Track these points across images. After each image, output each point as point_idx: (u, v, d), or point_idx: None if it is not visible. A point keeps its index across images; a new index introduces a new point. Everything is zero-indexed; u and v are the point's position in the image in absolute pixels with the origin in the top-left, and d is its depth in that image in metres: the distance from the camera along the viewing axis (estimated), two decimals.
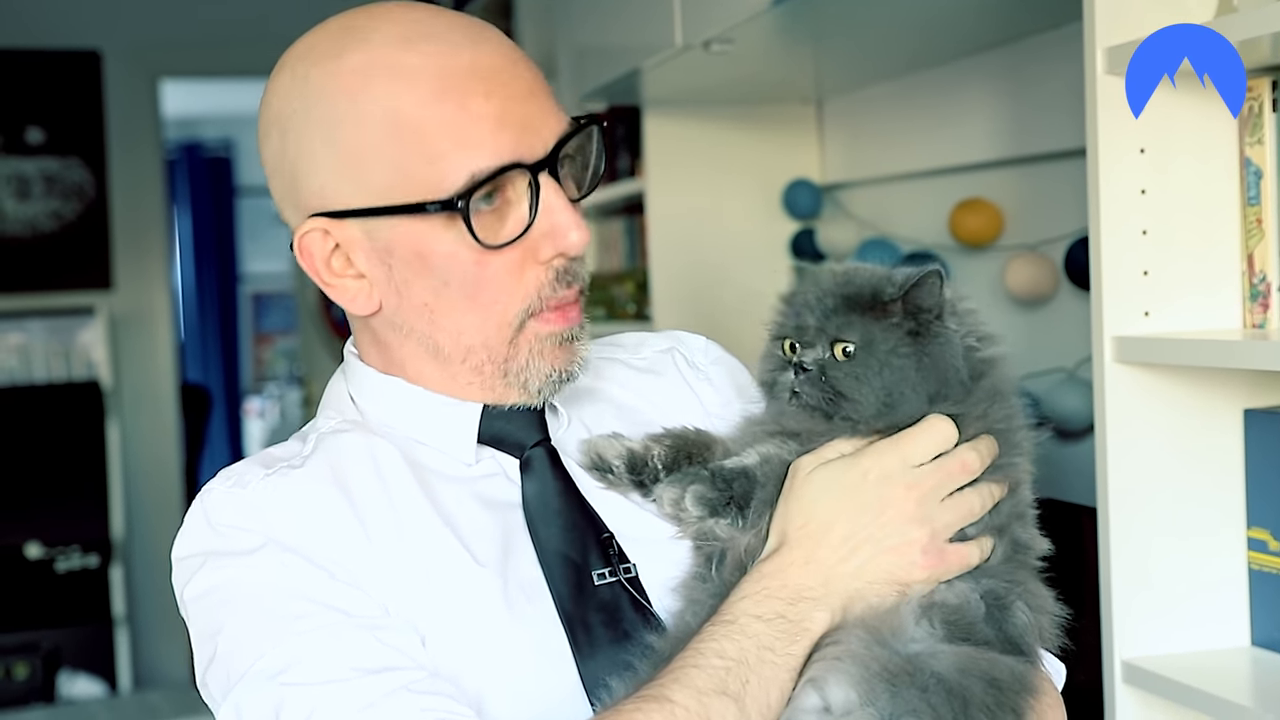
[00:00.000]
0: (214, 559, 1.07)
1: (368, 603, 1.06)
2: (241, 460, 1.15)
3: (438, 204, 1.06)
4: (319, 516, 1.09)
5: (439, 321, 1.12)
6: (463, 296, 1.10)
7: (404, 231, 1.09)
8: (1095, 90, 1.52)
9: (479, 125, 1.06)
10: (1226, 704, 1.44)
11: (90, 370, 5.09)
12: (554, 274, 1.11)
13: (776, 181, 3.09)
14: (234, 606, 1.05)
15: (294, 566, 1.06)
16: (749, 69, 2.61)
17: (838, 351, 1.10)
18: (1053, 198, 2.37)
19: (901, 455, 1.09)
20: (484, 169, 1.06)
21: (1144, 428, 1.55)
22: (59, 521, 4.84)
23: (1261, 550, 1.56)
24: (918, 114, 2.72)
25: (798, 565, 1.07)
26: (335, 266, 1.12)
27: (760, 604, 1.05)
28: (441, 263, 1.09)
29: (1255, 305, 1.54)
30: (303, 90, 1.09)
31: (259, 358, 8.98)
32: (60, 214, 5.16)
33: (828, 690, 1.02)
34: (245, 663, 1.03)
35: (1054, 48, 2.29)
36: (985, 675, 1.04)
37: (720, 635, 1.04)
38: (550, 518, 1.14)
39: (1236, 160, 1.56)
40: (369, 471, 1.13)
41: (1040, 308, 2.42)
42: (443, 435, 1.16)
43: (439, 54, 1.08)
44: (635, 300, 3.28)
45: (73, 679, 4.69)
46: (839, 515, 1.08)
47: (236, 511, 1.09)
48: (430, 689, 1.01)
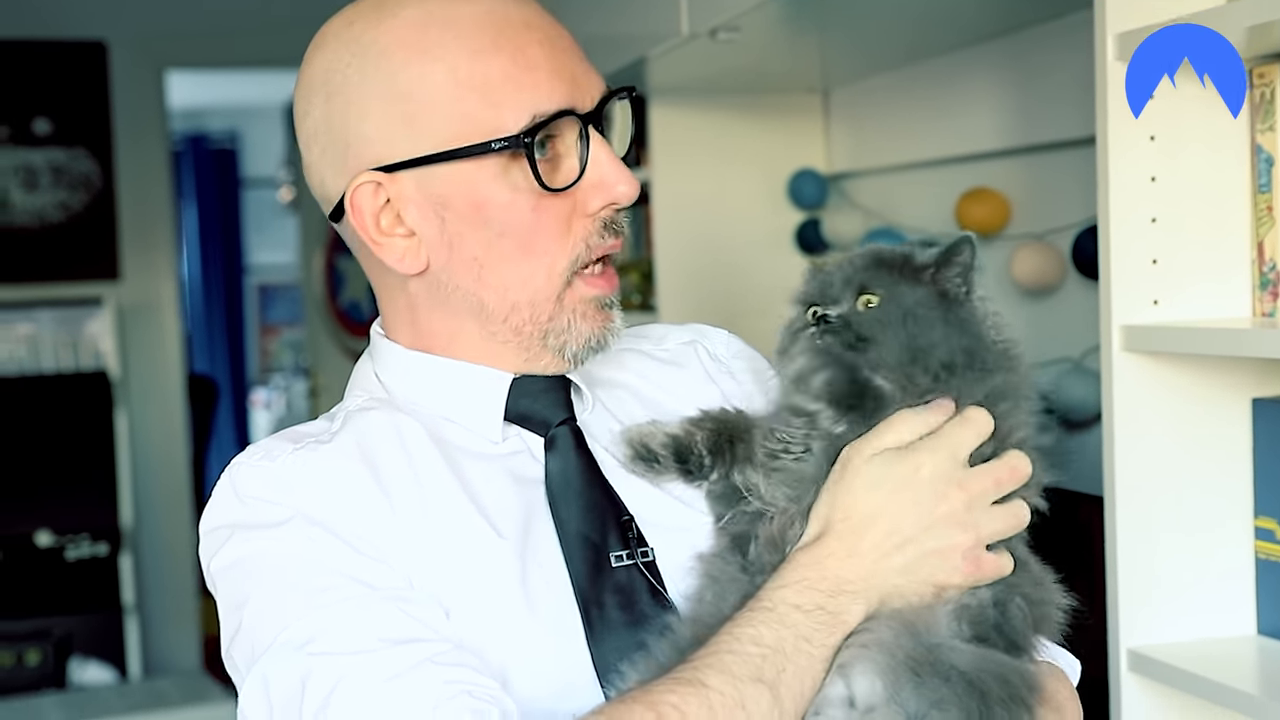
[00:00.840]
0: (241, 530, 1.08)
1: (393, 575, 1.06)
2: (270, 435, 1.16)
3: (504, 141, 1.08)
4: (346, 491, 1.09)
5: (487, 277, 1.13)
6: (515, 247, 1.11)
7: (462, 180, 1.10)
8: (1105, 77, 1.52)
9: (536, 72, 1.09)
10: (1233, 692, 1.44)
11: (98, 360, 5.09)
12: (600, 224, 1.13)
13: (782, 171, 3.08)
14: (260, 578, 1.06)
15: (320, 539, 1.06)
16: (755, 57, 2.60)
17: (861, 304, 1.10)
18: (1059, 187, 2.36)
19: (951, 451, 1.08)
20: (545, 110, 1.09)
21: (1152, 417, 1.55)
22: (68, 510, 4.85)
23: (1269, 539, 1.56)
24: (924, 103, 2.72)
25: (839, 557, 1.06)
26: (384, 224, 1.13)
27: (801, 594, 1.05)
28: (498, 212, 1.10)
29: (1265, 294, 1.54)
30: (353, 50, 1.11)
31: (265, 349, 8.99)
32: (67, 205, 5.16)
33: (854, 678, 1.02)
34: (271, 634, 1.03)
35: (1060, 36, 2.28)
36: (998, 674, 1.04)
37: (758, 622, 1.03)
38: (572, 497, 1.14)
39: (1247, 148, 1.55)
40: (395, 447, 1.13)
41: (1047, 297, 2.42)
42: (469, 411, 1.16)
43: (492, 6, 1.11)
44: (641, 290, 3.28)
45: (83, 666, 4.71)
46: (885, 510, 1.07)
47: (264, 484, 1.10)
48: (455, 661, 1.02)
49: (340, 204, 1.14)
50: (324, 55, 1.13)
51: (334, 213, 1.15)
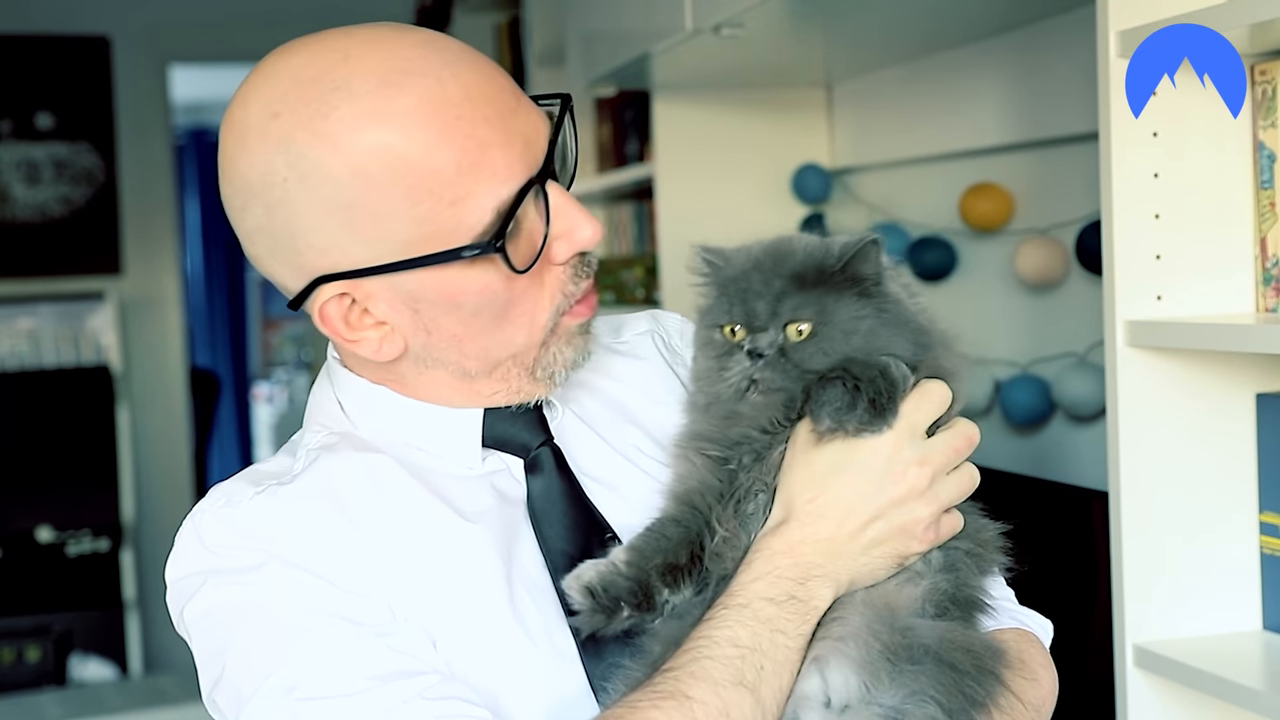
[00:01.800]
0: (215, 577, 1.05)
1: (376, 609, 1.04)
2: (230, 478, 1.13)
3: (476, 249, 1.04)
4: (315, 529, 1.07)
5: (467, 348, 1.10)
6: (492, 319, 1.09)
7: (432, 278, 1.06)
8: (1108, 74, 1.51)
9: (490, 154, 1.03)
10: (1238, 688, 1.44)
11: (100, 355, 5.10)
12: (570, 271, 1.11)
13: (786, 166, 3.08)
14: (240, 623, 1.03)
15: (299, 579, 1.04)
16: (759, 53, 2.60)
17: (791, 332, 1.08)
18: (1063, 182, 2.36)
19: (911, 426, 1.09)
20: (506, 199, 1.04)
21: (1156, 412, 1.55)
22: (70, 505, 4.86)
23: (1273, 534, 1.56)
24: (927, 98, 2.72)
25: (809, 544, 1.06)
26: (353, 320, 1.09)
27: (773, 585, 1.04)
28: (473, 298, 1.07)
29: (1268, 289, 1.54)
30: (287, 158, 1.03)
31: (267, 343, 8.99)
32: (70, 199, 5.17)
33: (829, 673, 1.02)
34: (256, 680, 1.01)
35: (1064, 32, 2.28)
36: (964, 646, 1.05)
37: (733, 620, 1.03)
38: (555, 517, 1.13)
39: (1250, 144, 1.55)
40: (364, 482, 1.11)
41: (1051, 292, 2.41)
42: (444, 444, 1.15)
43: (427, 88, 1.03)
44: (644, 285, 3.28)
45: (84, 662, 4.71)
46: (850, 490, 1.07)
47: (230, 530, 1.07)
48: (444, 694, 1.01)
49: (299, 298, 1.09)
50: (252, 159, 1.04)
51: (292, 303, 1.10)
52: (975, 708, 1.03)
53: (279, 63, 1.06)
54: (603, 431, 1.21)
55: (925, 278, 2.66)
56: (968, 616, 1.10)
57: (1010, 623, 1.19)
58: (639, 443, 1.21)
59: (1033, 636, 1.20)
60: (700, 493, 1.10)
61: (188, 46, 5.32)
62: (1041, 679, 1.17)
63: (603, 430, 1.21)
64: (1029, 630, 1.21)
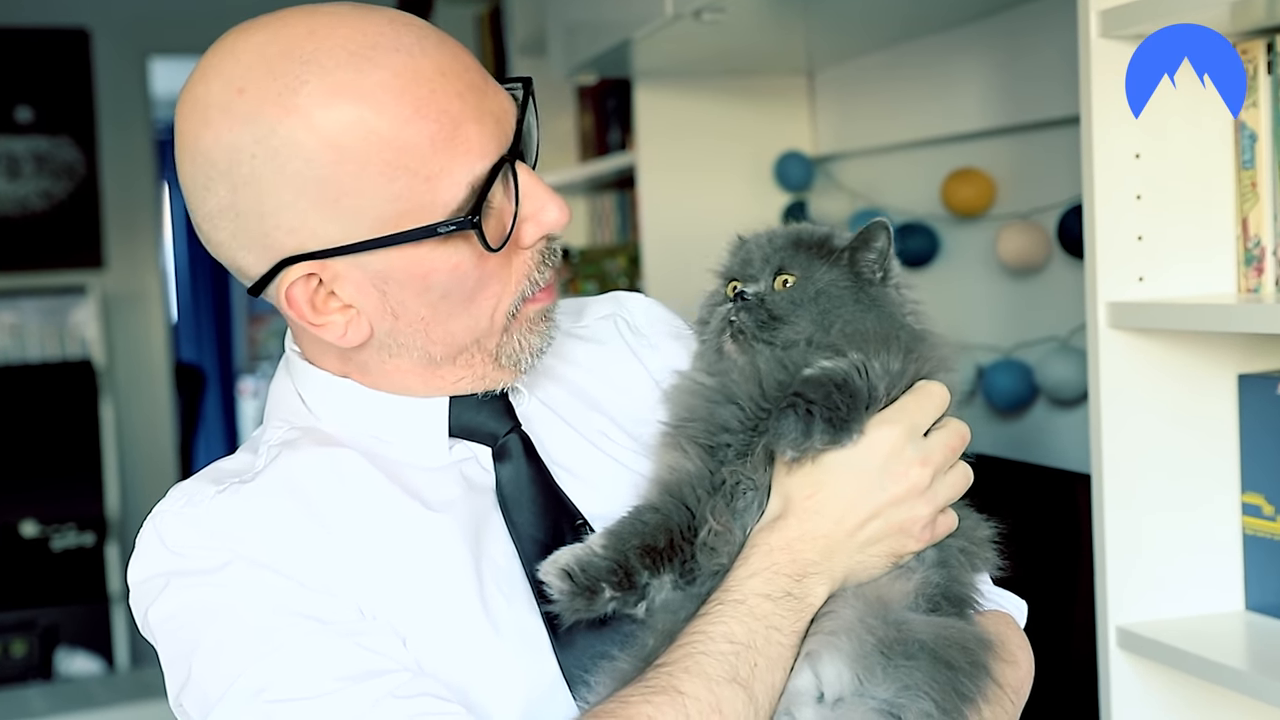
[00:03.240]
0: (178, 578, 1.03)
1: (343, 607, 1.03)
2: (190, 478, 1.12)
3: (452, 225, 1.02)
4: (279, 527, 1.05)
5: (433, 332, 1.09)
6: (460, 302, 1.07)
7: (403, 256, 1.04)
8: (1089, 54, 1.51)
9: (464, 130, 1.02)
10: (1221, 668, 1.44)
11: (84, 349, 5.08)
12: (539, 258, 1.10)
13: (768, 153, 3.07)
14: (206, 625, 1.02)
15: (263, 580, 1.03)
16: (740, 39, 2.59)
17: (778, 284, 1.13)
18: (1045, 166, 2.36)
19: (911, 426, 1.08)
20: (480, 175, 1.03)
21: (1138, 393, 1.55)
22: (54, 500, 4.84)
23: (1256, 515, 1.56)
24: (909, 84, 2.71)
25: (807, 540, 1.05)
26: (319, 304, 1.07)
27: (769, 582, 1.03)
28: (443, 278, 1.05)
29: (1250, 269, 1.54)
30: (255, 134, 1.00)
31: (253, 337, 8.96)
32: (51, 193, 5.14)
33: (821, 668, 1.02)
34: (224, 682, 1.00)
35: (1045, 16, 2.28)
36: (958, 642, 1.04)
37: (729, 616, 1.02)
38: (525, 504, 1.12)
39: (1231, 124, 1.55)
40: (328, 478, 1.09)
41: (1033, 277, 2.41)
42: (410, 435, 1.13)
43: (399, 63, 1.01)
44: (628, 273, 3.28)
45: (70, 656, 4.70)
46: (849, 488, 1.07)
47: (193, 530, 1.05)
48: (415, 691, 0.99)
49: (261, 282, 1.07)
50: (217, 135, 1.02)
51: (254, 288, 1.08)
52: (967, 704, 1.03)
53: (239, 40, 1.04)
54: (569, 418, 1.20)
55: (908, 264, 2.65)
56: (959, 613, 1.10)
57: (988, 605, 1.18)
58: (605, 429, 1.20)
59: (1009, 618, 1.20)
60: (690, 484, 1.09)
61: (168, 39, 5.29)
62: (1019, 660, 1.17)
63: (569, 417, 1.20)
64: (1005, 612, 1.21)
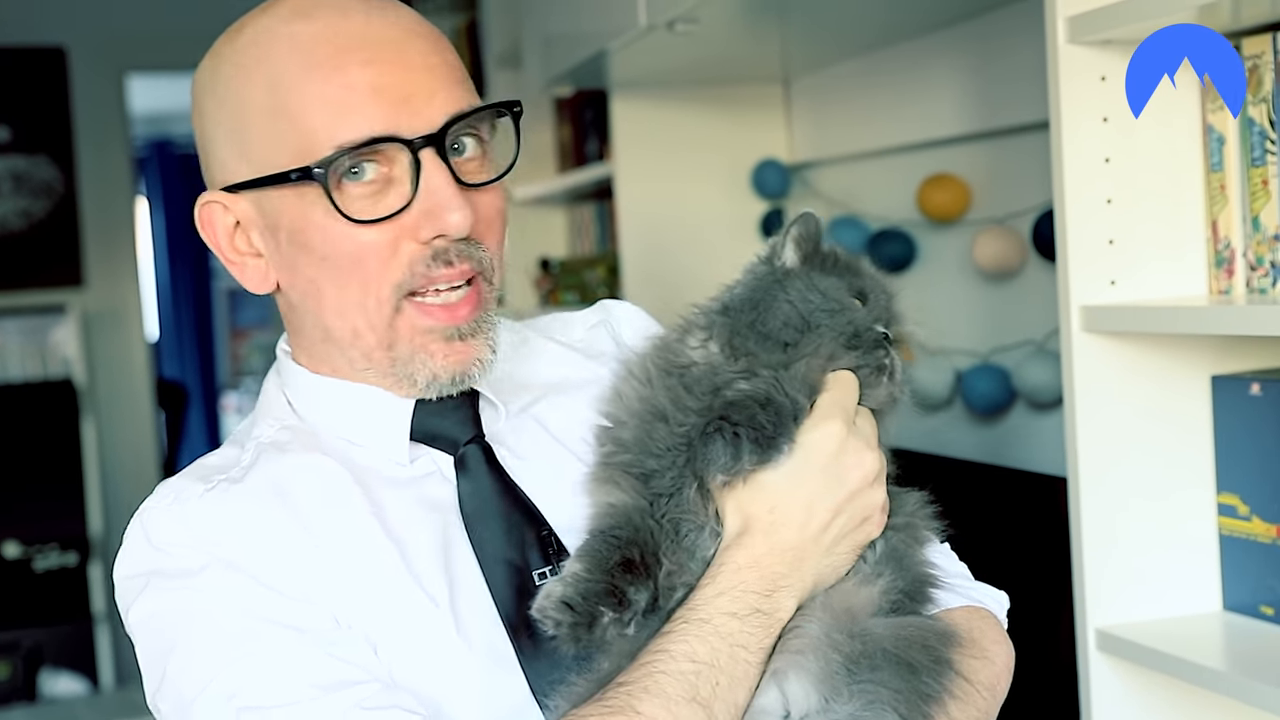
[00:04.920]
0: (157, 579, 1.05)
1: (319, 615, 1.03)
2: (177, 474, 1.13)
3: (299, 172, 1.05)
4: (263, 532, 1.06)
5: (324, 301, 1.10)
6: (339, 271, 1.08)
7: (286, 205, 1.08)
8: (1057, 59, 1.52)
9: (351, 94, 1.05)
10: (1200, 669, 1.44)
11: (64, 368, 5.06)
12: (431, 253, 1.08)
13: (745, 162, 3.08)
14: (182, 628, 1.03)
15: (240, 585, 1.03)
16: (714, 49, 2.60)
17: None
18: (1019, 171, 2.37)
19: (846, 414, 1.06)
20: (351, 140, 1.04)
21: (1112, 396, 1.56)
22: (36, 520, 4.82)
23: (1231, 515, 1.57)
24: (884, 91, 2.72)
25: (775, 554, 1.03)
26: (239, 245, 1.12)
27: (736, 600, 1.02)
28: (317, 237, 1.07)
29: (1220, 271, 1.55)
30: (211, 65, 1.11)
31: (235, 353, 8.94)
32: (29, 212, 5.13)
33: (788, 686, 1.00)
34: (197, 686, 1.01)
35: (1018, 20, 2.29)
36: (918, 640, 1.03)
37: (692, 635, 1.00)
38: (487, 518, 1.11)
39: (1199, 127, 1.56)
40: (314, 485, 1.10)
41: (1009, 281, 2.42)
42: (374, 434, 1.13)
43: (327, 23, 1.07)
44: (607, 284, 3.28)
45: (55, 677, 4.67)
46: (807, 492, 1.05)
47: (177, 529, 1.06)
48: (384, 703, 0.99)
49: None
50: (199, 72, 1.13)
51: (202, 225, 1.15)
52: (931, 703, 1.02)
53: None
54: (556, 431, 1.19)
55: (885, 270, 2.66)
56: (921, 596, 1.10)
57: (962, 601, 1.17)
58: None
59: (985, 613, 1.18)
60: (639, 511, 1.06)
61: (145, 56, 5.28)
62: (993, 656, 1.14)
63: (556, 430, 1.19)
64: (982, 607, 1.19)
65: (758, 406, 1.03)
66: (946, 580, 1.15)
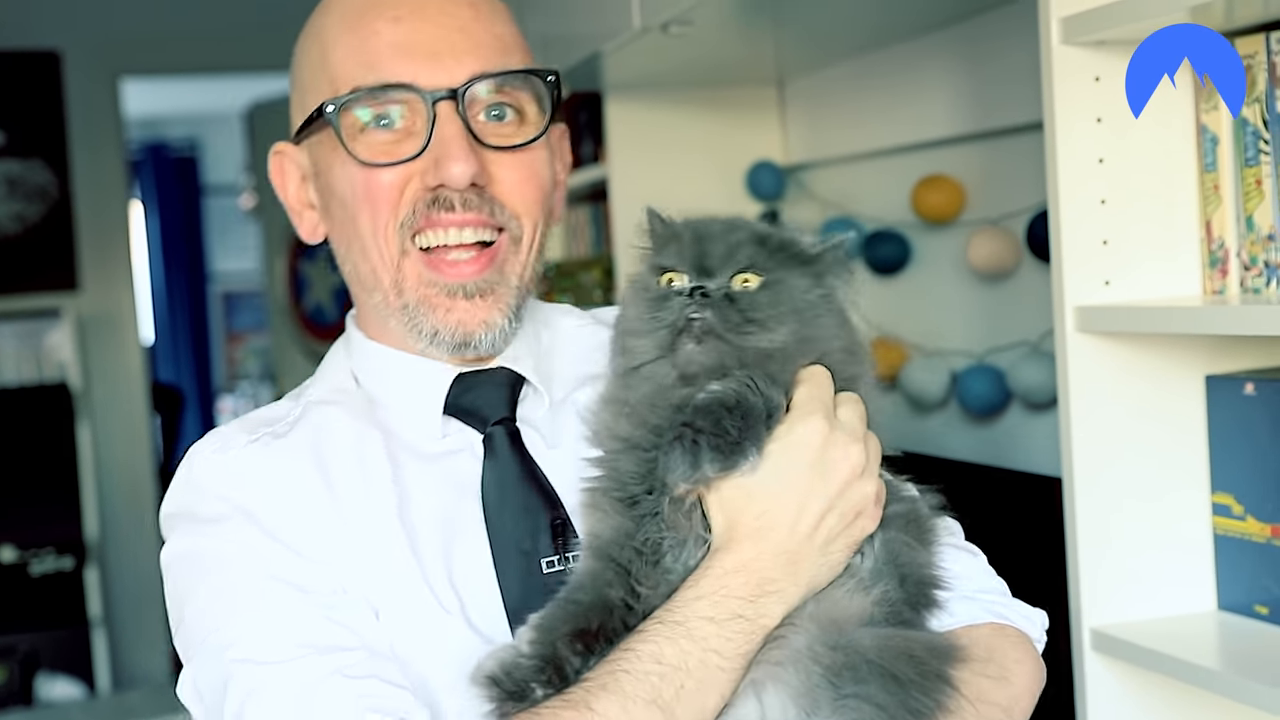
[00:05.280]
0: (187, 522, 1.11)
1: (324, 578, 1.06)
2: (232, 421, 1.19)
3: (317, 111, 1.13)
4: (290, 490, 1.10)
5: (351, 245, 1.16)
6: (358, 212, 1.14)
7: (323, 152, 1.16)
8: (1051, 60, 1.52)
9: (377, 46, 1.12)
10: (1195, 668, 1.44)
11: (60, 372, 5.05)
12: (432, 196, 1.12)
13: (739, 164, 3.08)
14: (199, 575, 1.08)
15: (257, 541, 1.07)
16: (708, 50, 2.60)
17: (737, 281, 1.02)
18: (1014, 172, 2.37)
19: (825, 409, 1.04)
20: (367, 84, 1.11)
21: (1107, 396, 1.56)
22: (32, 524, 4.81)
23: (1225, 515, 1.57)
24: (878, 92, 2.72)
25: (766, 558, 1.01)
26: (302, 196, 1.21)
27: (717, 605, 1.00)
28: (337, 180, 1.15)
29: (1214, 271, 1.55)
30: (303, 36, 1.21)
31: (231, 357, 8.94)
32: (24, 216, 5.12)
33: (766, 698, 0.98)
34: (202, 634, 1.06)
35: (1012, 21, 2.29)
36: (906, 653, 1.00)
37: (662, 637, 0.99)
38: (505, 503, 1.12)
39: (1193, 127, 1.56)
40: (347, 449, 1.13)
41: (1003, 282, 2.42)
42: (412, 404, 1.16)
43: None
44: (602, 286, 3.28)
45: (51, 681, 4.67)
46: (794, 492, 1.02)
47: (215, 476, 1.11)
48: (366, 672, 1.01)
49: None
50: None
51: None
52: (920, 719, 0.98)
53: None
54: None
55: (880, 271, 2.66)
56: (924, 602, 1.06)
57: (988, 617, 1.13)
58: None
59: (1012, 631, 1.13)
60: (618, 544, 1.04)
61: (139, 60, 5.27)
62: (1014, 676, 1.10)
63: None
64: (1009, 625, 1.14)
65: (725, 410, 0.99)
66: (960, 586, 1.11)
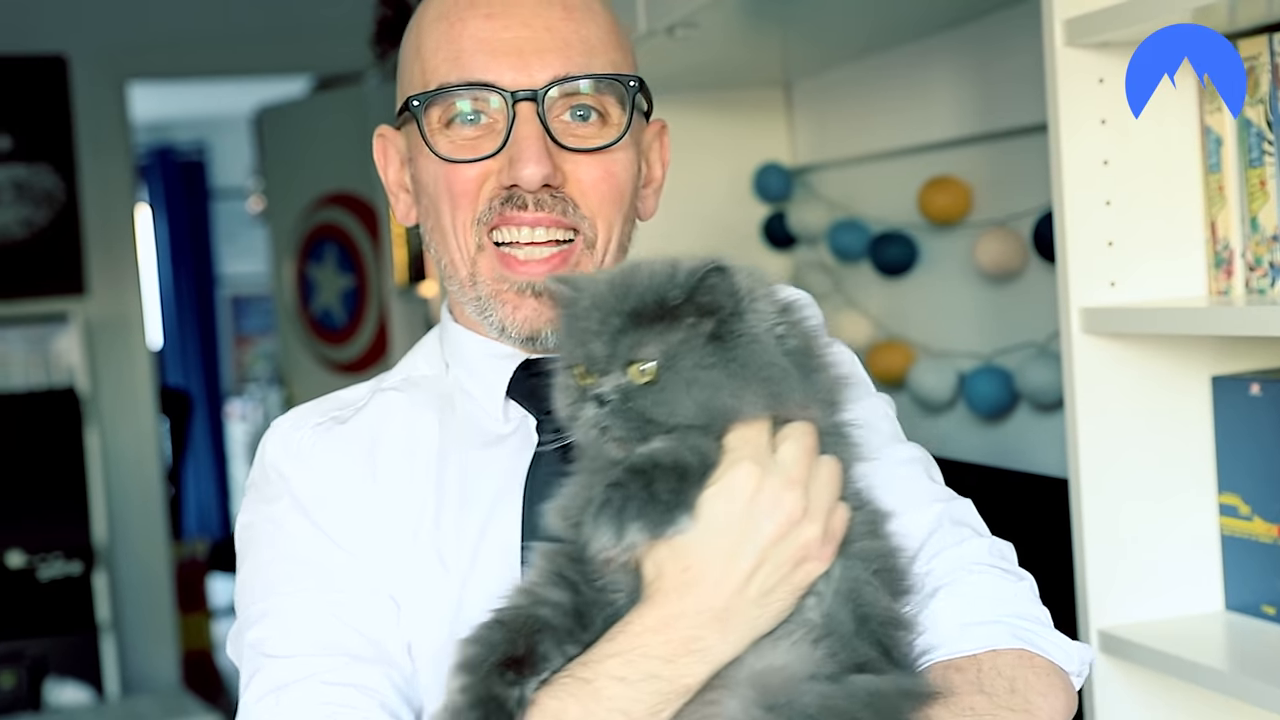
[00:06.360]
0: (253, 493, 1.18)
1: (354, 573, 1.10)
2: (315, 400, 1.24)
3: (404, 104, 1.17)
4: (339, 480, 1.14)
5: (434, 233, 1.20)
6: (437, 204, 1.17)
7: (414, 141, 1.19)
8: (1055, 62, 1.52)
9: (464, 43, 1.14)
10: (1203, 669, 1.44)
11: (67, 376, 5.06)
12: (506, 194, 1.14)
13: (746, 165, 3.08)
14: (251, 547, 1.16)
15: (298, 527, 1.12)
16: (714, 53, 2.60)
17: (634, 374, 0.98)
18: (1020, 173, 2.37)
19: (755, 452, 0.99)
20: (451, 81, 1.14)
21: (1113, 397, 1.56)
22: (40, 529, 4.82)
23: (1232, 515, 1.57)
24: (885, 93, 2.72)
25: (689, 615, 0.97)
26: (401, 179, 1.24)
27: (630, 664, 0.97)
28: (422, 172, 1.19)
29: (1219, 272, 1.55)
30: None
31: (240, 360, 8.95)
32: (31, 221, 5.13)
33: None
34: (244, 603, 1.14)
35: (1018, 22, 2.29)
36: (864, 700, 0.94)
37: (568, 694, 0.97)
38: (545, 490, 1.09)
39: (1197, 128, 1.56)
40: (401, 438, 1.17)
41: (1010, 283, 2.42)
42: (483, 386, 1.19)
43: None
44: None
45: (60, 687, 4.67)
46: (720, 547, 0.98)
47: (282, 454, 1.17)
48: (342, 680, 1.05)
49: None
50: None
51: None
52: None
53: None
54: None
55: (887, 273, 2.66)
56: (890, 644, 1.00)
57: (1015, 643, 1.07)
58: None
59: (1041, 661, 1.07)
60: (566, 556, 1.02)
61: (146, 64, 5.28)
62: (1037, 710, 1.05)
63: None
64: (1039, 654, 1.08)
65: (658, 471, 0.96)
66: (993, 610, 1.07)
